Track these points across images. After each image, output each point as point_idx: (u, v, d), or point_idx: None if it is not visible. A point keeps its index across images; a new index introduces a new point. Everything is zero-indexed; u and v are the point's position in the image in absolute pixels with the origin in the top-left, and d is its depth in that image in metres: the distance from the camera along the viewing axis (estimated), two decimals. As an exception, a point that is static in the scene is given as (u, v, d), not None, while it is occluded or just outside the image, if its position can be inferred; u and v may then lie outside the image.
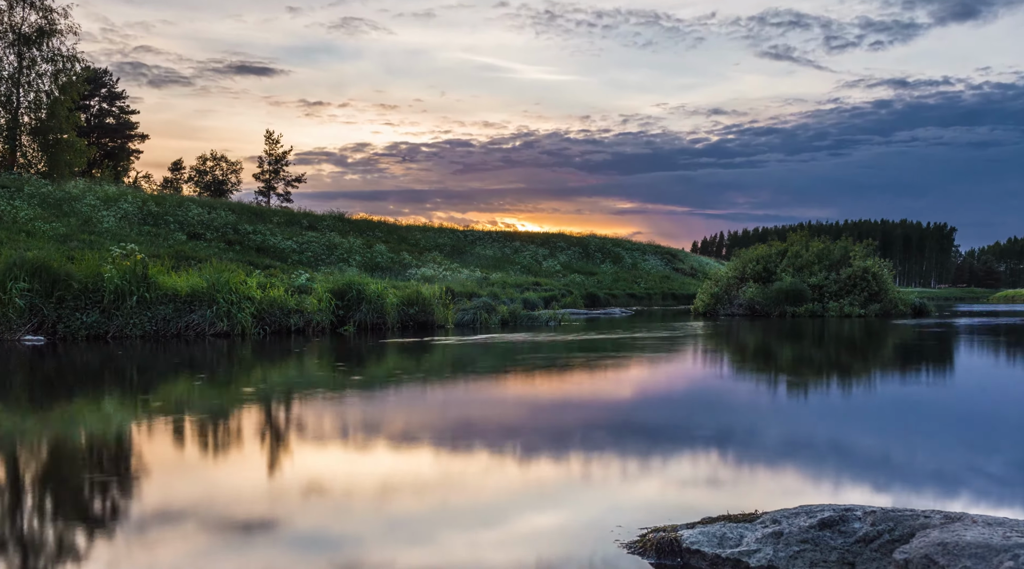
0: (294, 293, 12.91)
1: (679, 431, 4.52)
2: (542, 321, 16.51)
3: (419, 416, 5.11)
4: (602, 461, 3.66)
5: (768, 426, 4.71)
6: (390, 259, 37.23)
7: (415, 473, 3.54)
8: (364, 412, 5.32)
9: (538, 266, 44.62)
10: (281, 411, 5.36)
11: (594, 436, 4.34)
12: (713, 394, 6.37)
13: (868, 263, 22.04)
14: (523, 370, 7.81)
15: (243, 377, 7.29)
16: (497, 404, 5.65)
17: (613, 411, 5.35)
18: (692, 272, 56.97)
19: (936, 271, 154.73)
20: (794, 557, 2.00)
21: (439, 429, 4.58)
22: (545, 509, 2.87)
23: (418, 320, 14.05)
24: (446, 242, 45.07)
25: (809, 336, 13.38)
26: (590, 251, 51.86)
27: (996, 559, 1.44)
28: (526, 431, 4.45)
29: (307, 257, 34.02)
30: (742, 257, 23.94)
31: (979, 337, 13.75)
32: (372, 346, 10.61)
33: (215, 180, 60.52)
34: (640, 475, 3.36)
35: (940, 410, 5.64)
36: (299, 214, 42.93)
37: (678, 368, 8.79)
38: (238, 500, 3.10)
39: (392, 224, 46.45)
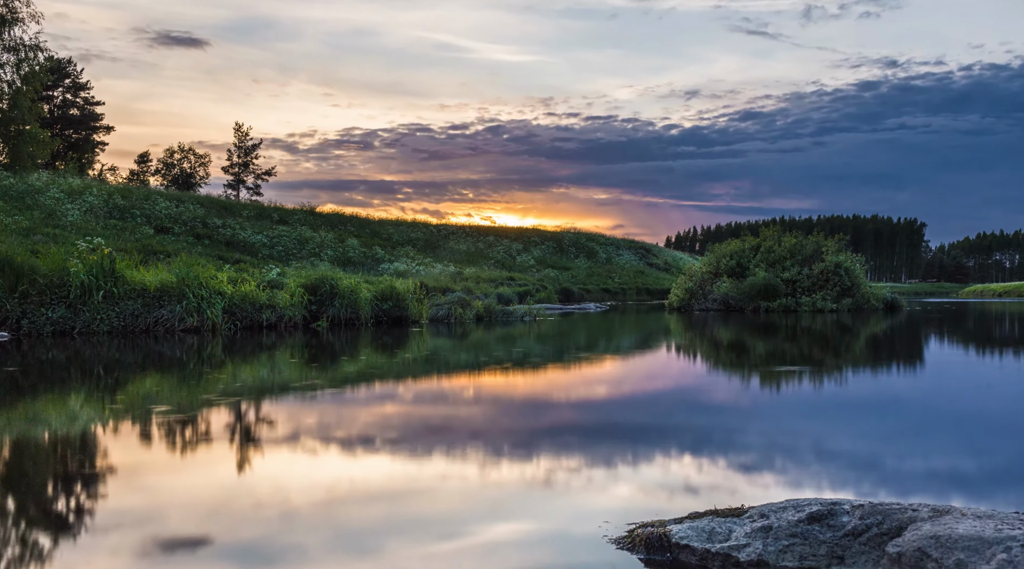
0: (266, 288, 12.79)
1: (657, 429, 4.54)
2: (517, 316, 16.52)
3: (388, 416, 4.98)
4: (580, 459, 3.66)
5: (745, 423, 4.75)
6: (362, 253, 37.05)
7: (381, 477, 3.40)
8: (330, 412, 5.10)
9: (512, 261, 44.64)
10: (242, 411, 5.17)
11: (570, 434, 4.34)
12: (690, 390, 6.41)
13: (840, 258, 22.28)
14: (498, 366, 7.80)
15: (210, 374, 7.19)
16: (472, 402, 5.63)
17: (589, 408, 5.36)
18: (666, 267, 57.31)
19: (907, 266, 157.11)
20: (783, 551, 2.01)
21: (410, 429, 4.44)
22: (527, 507, 2.86)
23: (392, 315, 13.99)
24: (419, 236, 44.93)
25: (783, 331, 13.51)
26: (564, 246, 51.96)
27: (989, 551, 1.46)
28: (500, 430, 4.43)
29: (278, 251, 33.75)
30: (716, 252, 24.11)
31: (948, 330, 13.98)
32: (345, 342, 10.55)
33: (183, 173, 59.81)
34: (620, 473, 3.37)
35: (916, 404, 5.72)
36: (269, 208, 42.59)
37: (655, 364, 8.83)
38: (179, 507, 2.93)
39: (364, 218, 46.22)
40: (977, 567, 1.43)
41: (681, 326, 15.34)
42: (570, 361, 8.50)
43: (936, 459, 3.77)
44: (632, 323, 17.28)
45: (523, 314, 16.88)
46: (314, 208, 44.46)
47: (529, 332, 12.80)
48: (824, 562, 1.95)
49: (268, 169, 61.89)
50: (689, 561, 2.13)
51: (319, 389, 6.19)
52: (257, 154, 61.00)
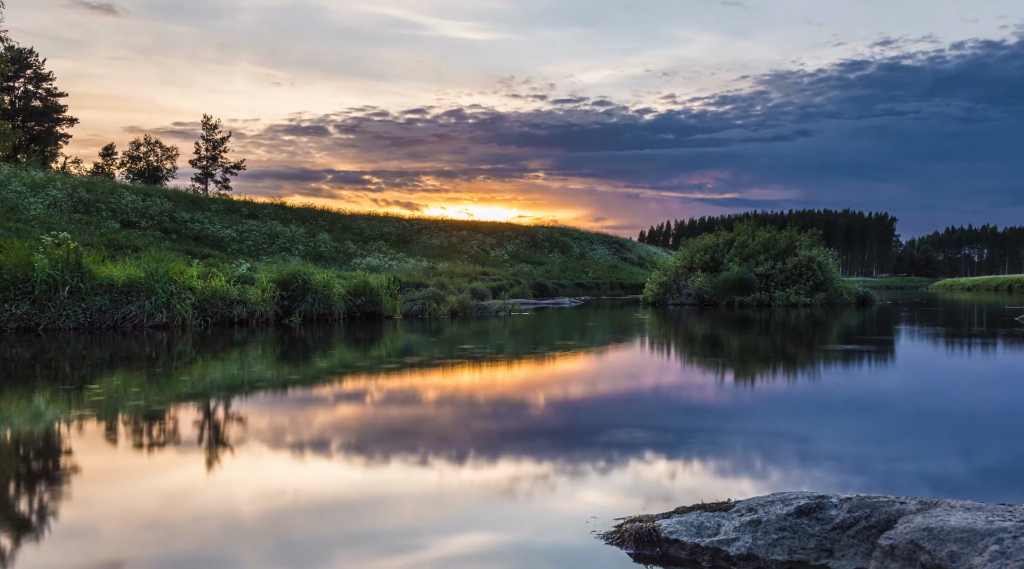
0: (237, 283, 12.66)
1: (634, 427, 4.54)
2: (492, 311, 16.50)
3: (354, 417, 4.79)
4: (558, 460, 3.66)
5: (722, 420, 4.77)
6: (334, 248, 36.84)
7: (339, 484, 3.23)
8: (293, 413, 4.84)
9: (486, 255, 44.60)
10: (202, 412, 4.98)
11: (546, 434, 4.33)
12: (666, 387, 6.44)
13: (813, 252, 22.51)
14: (472, 362, 7.78)
15: (175, 372, 7.08)
16: (444, 402, 5.59)
17: (565, 406, 5.36)
18: (640, 262, 57.59)
19: (877, 261, 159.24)
20: (773, 545, 2.02)
21: (376, 431, 4.32)
22: (505, 509, 2.85)
23: (366, 311, 13.91)
24: (392, 231, 44.74)
25: (759, 326, 13.63)
26: (538, 240, 52.03)
27: (981, 543, 1.47)
28: (474, 430, 4.41)
29: (247, 246, 33.44)
30: (690, 247, 24.24)
31: (919, 324, 14.19)
32: (318, 338, 10.47)
33: (149, 166, 59.02)
34: (601, 472, 3.37)
35: (894, 398, 5.79)
36: (239, 202, 42.18)
37: (631, 360, 8.86)
38: (113, 519, 2.74)
39: (336, 213, 45.96)
40: (970, 559, 1.45)
41: (656, 321, 15.41)
42: (546, 357, 8.51)
43: (915, 453, 3.82)
44: (607, 318, 17.34)
45: (498, 309, 16.87)
46: (284, 202, 44.17)
47: (504, 327, 12.79)
48: (813, 556, 1.97)
49: (237, 162, 61.28)
50: (679, 556, 2.14)
51: (286, 388, 6.05)
52: (226, 147, 60.33)
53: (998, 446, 3.94)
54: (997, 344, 10.24)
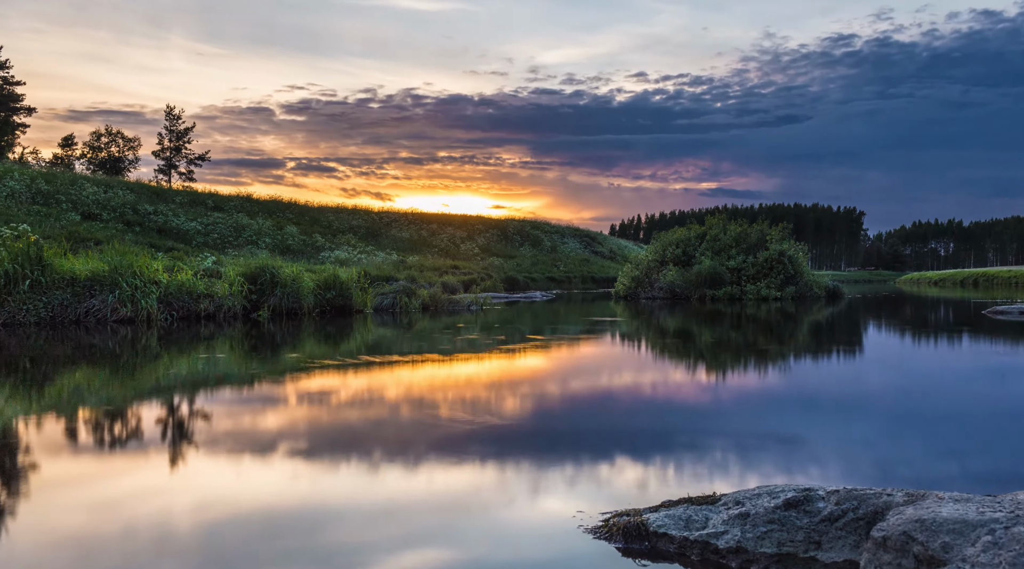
0: (203, 277, 12.50)
1: (607, 424, 4.56)
2: (464, 305, 16.47)
3: (315, 418, 4.60)
4: (533, 457, 3.66)
5: (696, 416, 4.81)
6: (302, 241, 36.54)
7: (292, 494, 3.00)
8: (249, 414, 4.59)
9: (456, 249, 44.51)
10: (154, 413, 4.72)
11: (519, 432, 4.32)
12: (639, 383, 6.47)
13: (784, 246, 22.73)
14: (444, 358, 7.76)
15: (135, 368, 6.97)
16: (413, 398, 5.58)
17: (539, 403, 5.35)
18: (611, 255, 57.85)
19: (846, 255, 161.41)
20: (761, 537, 2.03)
21: (344, 430, 4.22)
22: (483, 507, 2.84)
23: (336, 305, 13.81)
24: (360, 224, 44.47)
25: (729, 320, 13.74)
26: (509, 234, 52.04)
27: (974, 534, 1.49)
28: (445, 429, 4.40)
29: (213, 239, 33.05)
30: (662, 240, 24.37)
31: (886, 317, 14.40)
32: (286, 333, 10.38)
33: (111, 157, 58.06)
34: (578, 469, 3.38)
35: (868, 393, 5.87)
36: (203, 194, 41.68)
37: (605, 355, 8.89)
38: (28, 532, 2.58)
39: (303, 205, 45.58)
40: (963, 550, 1.46)
41: (628, 315, 15.48)
42: (519, 352, 8.50)
43: (893, 448, 3.87)
44: (580, 312, 17.39)
45: (470, 303, 16.84)
46: (251, 194, 43.73)
47: (476, 321, 12.77)
48: (802, 548, 1.98)
49: (202, 153, 60.49)
50: (667, 549, 2.14)
51: (247, 386, 5.87)
52: (190, 138, 59.52)
53: (975, 440, 4.01)
54: (972, 338, 10.43)
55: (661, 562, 2.09)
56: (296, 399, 5.26)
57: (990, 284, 46.02)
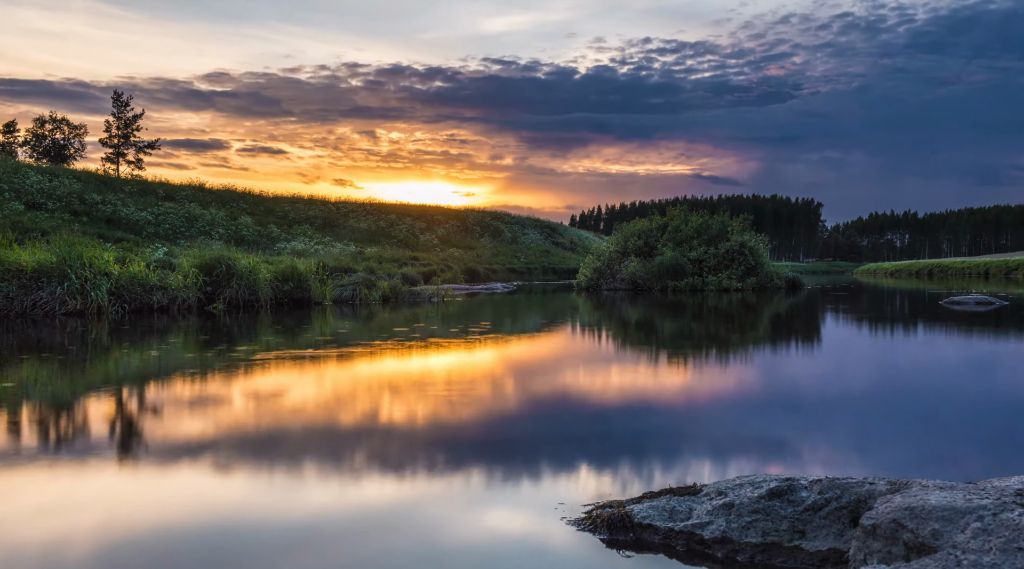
0: (156, 268, 12.27)
1: (573, 418, 4.57)
2: (425, 297, 16.40)
3: (257, 418, 4.56)
4: (507, 451, 3.65)
5: (662, 409, 4.84)
6: (257, 232, 36.09)
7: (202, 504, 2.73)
8: (190, 412, 4.34)
9: (415, 240, 44.32)
10: (86, 411, 4.42)
11: (486, 427, 4.32)
12: (605, 376, 6.49)
13: (745, 237, 23.01)
14: (404, 350, 7.72)
15: (73, 363, 6.78)
16: (370, 396, 5.54)
17: (503, 396, 5.35)
18: (572, 246, 58.07)
19: (804, 246, 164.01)
20: (746, 527, 2.04)
21: (292, 429, 4.19)
22: (462, 498, 2.82)
23: (294, 297, 13.66)
24: (317, 214, 44.03)
25: (692, 311, 13.87)
26: (469, 225, 51.95)
27: (963, 520, 1.51)
28: (403, 426, 4.38)
29: (164, 230, 32.48)
30: (624, 231, 24.50)
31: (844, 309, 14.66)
32: (242, 325, 10.23)
33: (55, 145, 56.64)
34: (549, 463, 3.38)
35: (833, 383, 5.96)
36: (154, 183, 40.95)
37: (568, 347, 8.91)
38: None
39: (258, 195, 45.01)
40: (953, 536, 1.48)
41: (592, 307, 15.55)
42: (483, 345, 8.49)
43: (860, 435, 3.93)
44: (543, 304, 17.42)
45: (431, 295, 16.77)
46: (204, 184, 43.05)
47: (438, 313, 12.73)
48: (786, 537, 2.00)
49: (152, 141, 59.30)
50: (652, 540, 2.14)
51: (188, 383, 5.49)
52: (139, 125, 58.31)
53: (945, 429, 4.09)
54: (932, 329, 10.66)
55: (646, 553, 2.09)
56: (239, 398, 4.86)
57: (944, 275, 47.18)
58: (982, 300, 14.82)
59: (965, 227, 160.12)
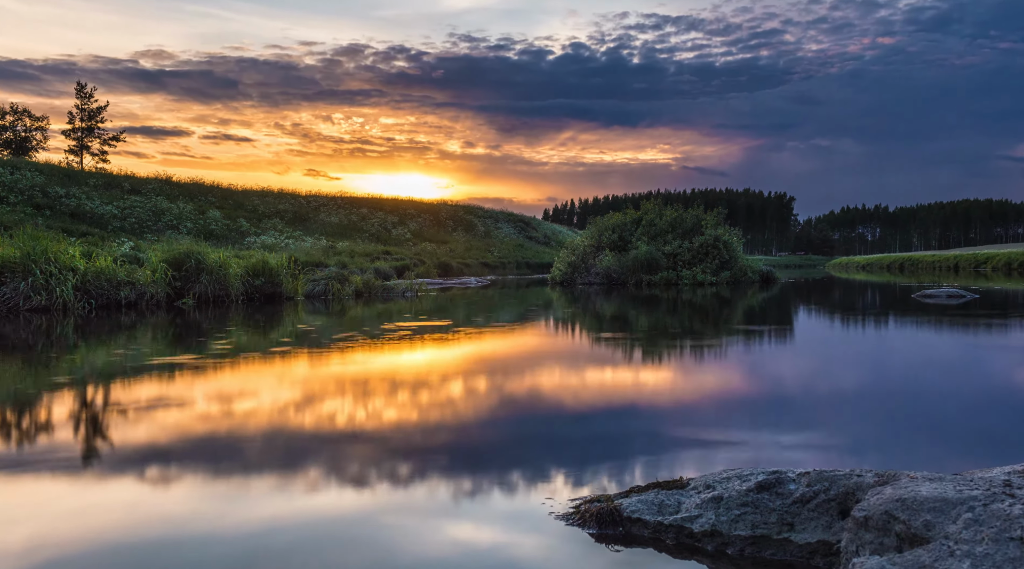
0: (124, 263, 12.11)
1: (553, 414, 4.58)
2: (399, 292, 16.34)
3: (228, 416, 4.66)
4: (485, 447, 3.65)
5: (639, 405, 4.86)
6: (225, 226, 35.74)
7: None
8: (150, 412, 4.12)
9: (387, 234, 44.14)
10: (31, 415, 4.19)
11: (464, 423, 4.31)
12: (582, 371, 6.51)
13: (719, 231, 23.16)
14: (380, 346, 7.68)
15: (35, 360, 6.70)
16: (336, 395, 5.51)
17: (482, 394, 5.35)
18: (546, 240, 58.14)
19: (777, 239, 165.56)
20: (736, 520, 2.05)
21: (252, 432, 4.09)
22: (456, 497, 2.82)
23: (265, 292, 13.54)
24: (287, 208, 43.70)
25: (667, 305, 13.94)
26: (441, 219, 51.82)
27: (954, 511, 1.53)
28: (372, 427, 4.36)
29: (130, 224, 32.07)
30: (598, 225, 24.55)
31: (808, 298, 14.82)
32: (212, 321, 10.12)
33: (16, 137, 55.65)
34: (529, 459, 3.38)
35: (809, 377, 6.02)
36: (120, 176, 40.41)
37: (546, 342, 8.92)
38: None
39: (227, 188, 44.58)
40: (945, 527, 1.50)
41: (566, 301, 15.58)
42: (459, 340, 8.47)
43: (839, 428, 3.97)
44: (517, 298, 17.42)
45: (404, 289, 16.71)
46: (171, 177, 42.53)
47: (412, 308, 12.68)
48: (775, 530, 2.01)
49: (116, 133, 58.43)
50: (642, 534, 2.15)
51: (150, 380, 5.39)
52: (103, 117, 57.43)
53: (924, 420, 4.14)
54: (907, 322, 10.80)
55: (635, 547, 2.10)
56: (198, 399, 4.59)
57: (915, 268, 47.85)
58: (953, 293, 15.04)
59: (935, 221, 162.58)
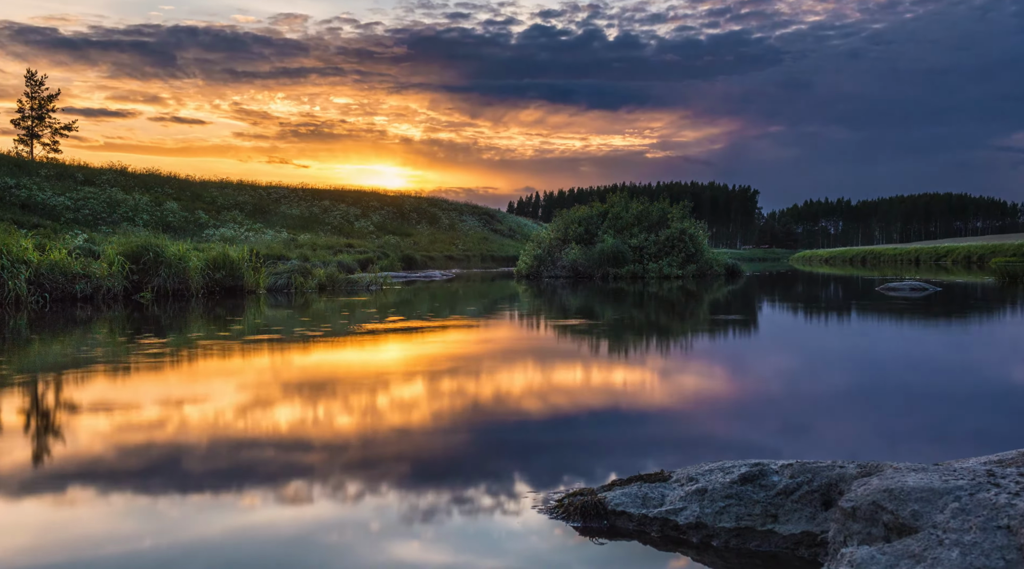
0: (79, 256, 11.88)
1: (522, 410, 4.59)
2: (363, 285, 16.23)
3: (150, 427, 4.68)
4: (461, 443, 3.64)
5: (608, 399, 4.88)
6: (183, 218, 35.24)
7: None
8: (86, 417, 3.85)
9: (350, 227, 43.84)
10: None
11: (434, 426, 4.31)
12: (550, 366, 6.53)
13: (685, 225, 23.34)
14: (345, 342, 7.63)
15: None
16: (303, 393, 5.47)
17: (450, 390, 5.34)
18: (511, 233, 58.17)
19: (741, 233, 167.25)
20: (720, 512, 2.07)
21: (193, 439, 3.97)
22: (436, 494, 2.81)
23: (226, 285, 13.37)
24: (247, 200, 43.18)
25: (632, 298, 14.02)
26: (405, 211, 51.59)
27: (941, 501, 1.56)
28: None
29: (84, 215, 31.48)
30: (564, 218, 24.59)
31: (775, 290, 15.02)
32: (170, 315, 9.98)
33: (-37, 125, 54.22)
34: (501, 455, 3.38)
35: (779, 369, 6.10)
36: (72, 167, 39.65)
37: (513, 337, 8.92)
38: None
39: (184, 179, 43.92)
40: (933, 517, 1.53)
41: (532, 295, 15.60)
42: (425, 334, 8.44)
43: (810, 421, 4.03)
44: (483, 291, 17.41)
45: (369, 283, 16.61)
46: (127, 168, 41.80)
47: (377, 302, 12.61)
48: (759, 521, 2.03)
49: (68, 123, 57.21)
50: (626, 527, 2.16)
51: (94, 379, 5.22)
52: (54, 106, 56.18)
53: (893, 411, 4.21)
54: (871, 316, 10.97)
55: (620, 540, 2.11)
56: (141, 400, 4.32)
57: (877, 261, 48.68)
58: (916, 286, 15.32)
59: (896, 214, 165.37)
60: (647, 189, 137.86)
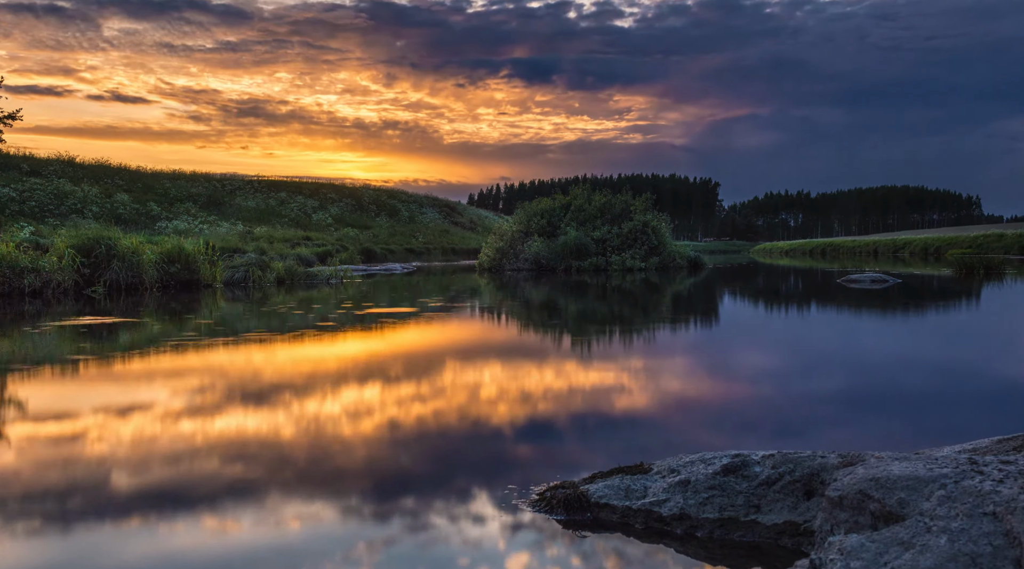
0: (28, 249, 11.62)
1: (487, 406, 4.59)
2: (322, 279, 16.10)
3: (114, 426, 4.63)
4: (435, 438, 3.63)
5: (576, 394, 4.90)
6: (134, 211, 34.65)
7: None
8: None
9: (308, 219, 43.44)
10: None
11: (405, 421, 4.29)
12: (514, 361, 6.54)
13: (648, 217, 23.51)
14: (306, 337, 7.57)
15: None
16: (256, 392, 5.42)
17: (420, 387, 5.32)
18: (472, 225, 58.09)
19: (703, 225, 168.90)
20: (703, 504, 2.09)
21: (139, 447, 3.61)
22: (416, 492, 2.79)
23: (181, 279, 13.17)
24: (201, 192, 42.55)
25: (596, 291, 14.09)
26: (364, 203, 51.25)
27: (927, 489, 1.58)
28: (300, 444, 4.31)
29: (30, 207, 30.79)
30: (527, 210, 24.60)
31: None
32: (124, 309, 9.80)
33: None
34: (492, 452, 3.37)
35: (743, 362, 6.17)
36: (17, 157, 38.68)
37: (474, 331, 8.92)
38: None
39: (136, 170, 43.13)
40: (919, 504, 1.55)
41: (495, 288, 15.59)
42: (386, 328, 8.40)
43: (778, 412, 4.08)
44: (444, 284, 17.36)
45: (328, 276, 16.48)
46: (75, 158, 40.91)
47: (336, 295, 12.52)
48: (742, 512, 2.05)
49: (11, 112, 55.84)
50: (610, 519, 2.17)
51: (26, 380, 5.16)
52: None
53: (863, 402, 4.28)
54: (834, 307, 11.15)
55: (604, 532, 2.11)
56: (75, 404, 4.06)
57: (836, 253, 49.48)
58: (876, 278, 15.61)
59: (855, 207, 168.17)
60: (609, 181, 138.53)
